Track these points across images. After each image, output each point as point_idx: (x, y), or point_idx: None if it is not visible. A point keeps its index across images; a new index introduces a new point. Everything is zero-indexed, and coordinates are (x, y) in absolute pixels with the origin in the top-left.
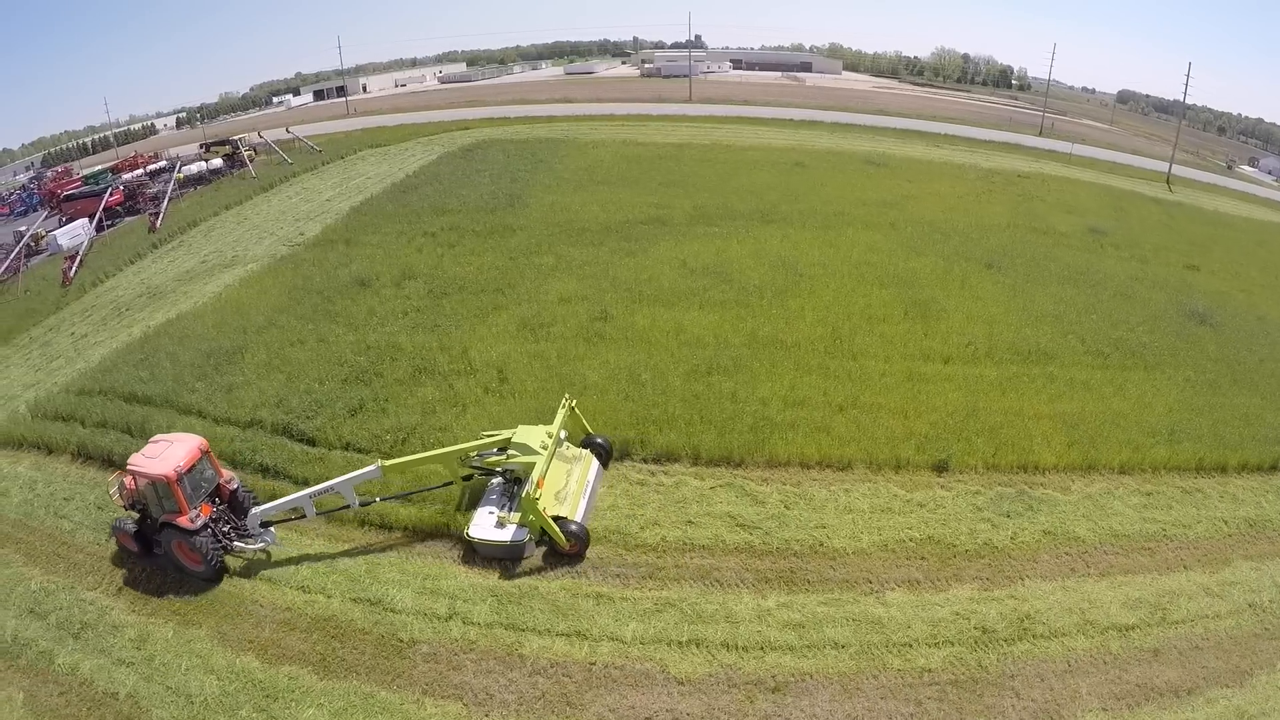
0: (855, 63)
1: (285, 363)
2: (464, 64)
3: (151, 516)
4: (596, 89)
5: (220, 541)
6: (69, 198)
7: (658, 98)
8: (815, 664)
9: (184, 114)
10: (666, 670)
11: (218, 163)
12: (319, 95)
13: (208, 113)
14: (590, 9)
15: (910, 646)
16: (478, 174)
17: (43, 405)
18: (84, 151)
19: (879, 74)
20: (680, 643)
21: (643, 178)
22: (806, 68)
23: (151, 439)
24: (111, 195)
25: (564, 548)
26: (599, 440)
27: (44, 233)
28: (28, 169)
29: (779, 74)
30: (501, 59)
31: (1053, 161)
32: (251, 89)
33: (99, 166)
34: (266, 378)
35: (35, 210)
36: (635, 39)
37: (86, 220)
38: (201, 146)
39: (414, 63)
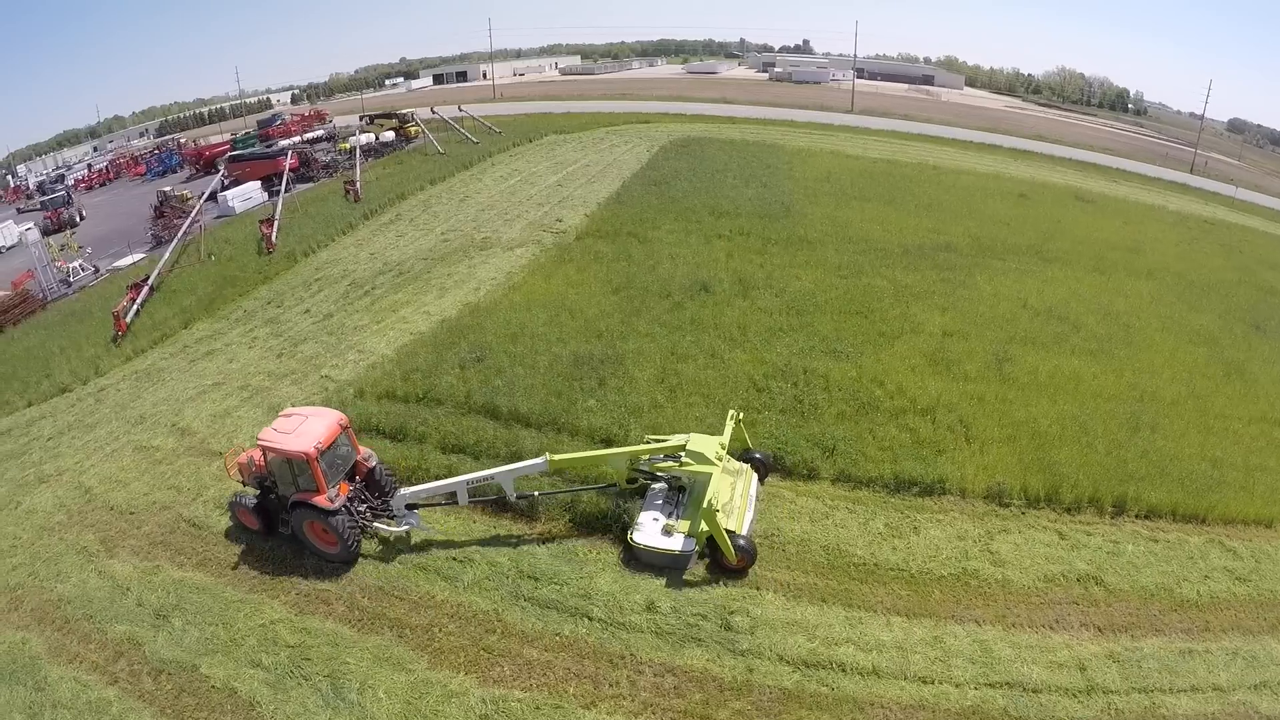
0: (973, 77)
1: (682, 380)
2: (576, 57)
3: (278, 494)
4: (723, 89)
5: (358, 523)
6: (235, 159)
7: (820, 105)
8: None
9: (297, 90)
10: None
11: (389, 135)
12: (438, 79)
13: (319, 91)
14: (693, 7)
15: None
16: (719, 174)
17: (362, 413)
18: (199, 121)
19: (997, 90)
20: None
21: (890, 195)
22: (929, 80)
23: (283, 412)
24: (288, 159)
25: (731, 562)
26: (758, 455)
27: (189, 194)
28: (142, 134)
29: (905, 86)
30: (609, 53)
31: (1220, 205)
32: (357, 71)
33: (243, 132)
34: (674, 398)
35: (174, 171)
36: (742, 40)
37: (258, 184)
38: (363, 119)
39: (518, 53)
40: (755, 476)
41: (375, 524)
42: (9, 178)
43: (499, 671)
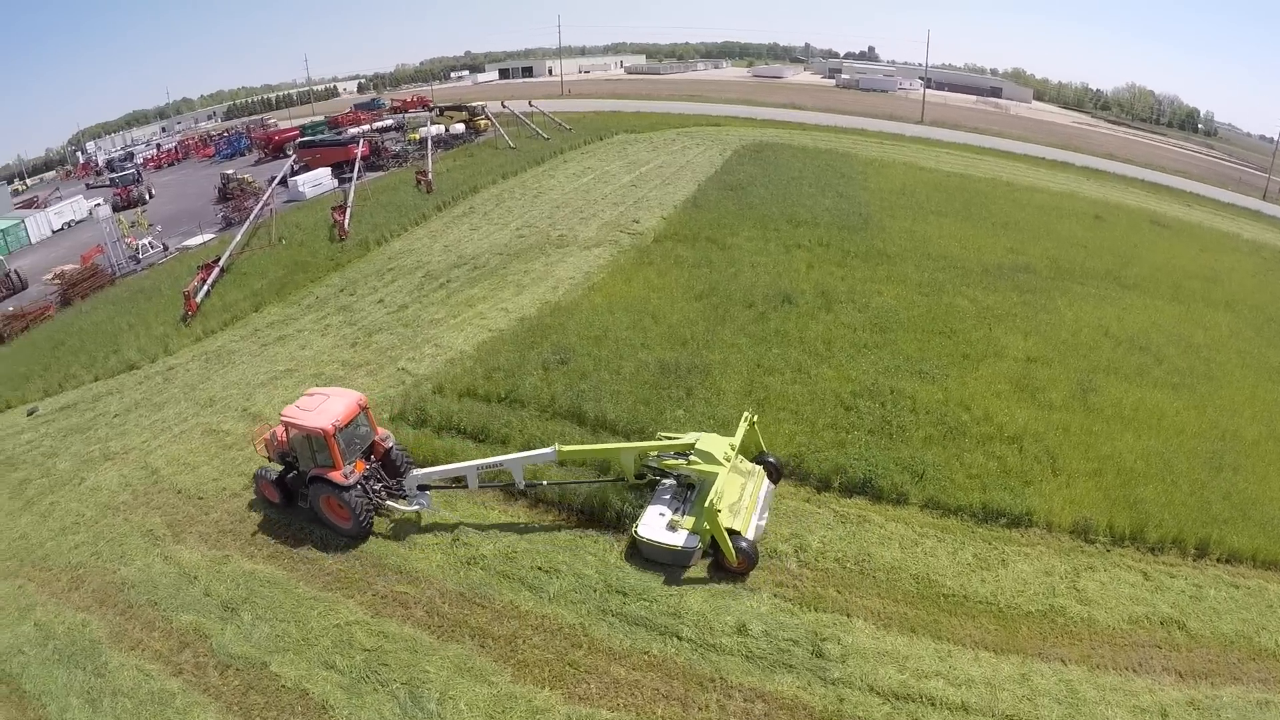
0: (1041, 90)
1: (769, 394)
2: (641, 57)
3: (298, 469)
4: (791, 94)
5: (371, 500)
6: (306, 144)
7: (890, 115)
8: None
9: (363, 80)
10: None
11: (459, 128)
12: (503, 74)
13: (385, 81)
14: (757, 11)
15: None
16: (794, 182)
17: (442, 410)
18: (266, 106)
19: (1065, 105)
20: None
21: (966, 211)
22: (996, 92)
23: (307, 391)
24: (360, 147)
25: (731, 563)
26: (771, 459)
27: (251, 177)
28: (210, 117)
29: (974, 98)
30: (673, 53)
31: None
32: (422, 63)
33: (309, 119)
34: (762, 412)
35: (243, 154)
36: (807, 45)
37: (328, 170)
38: (432, 110)
39: (583, 51)
40: (767, 480)
41: (388, 502)
42: (79, 154)
43: (585, 689)
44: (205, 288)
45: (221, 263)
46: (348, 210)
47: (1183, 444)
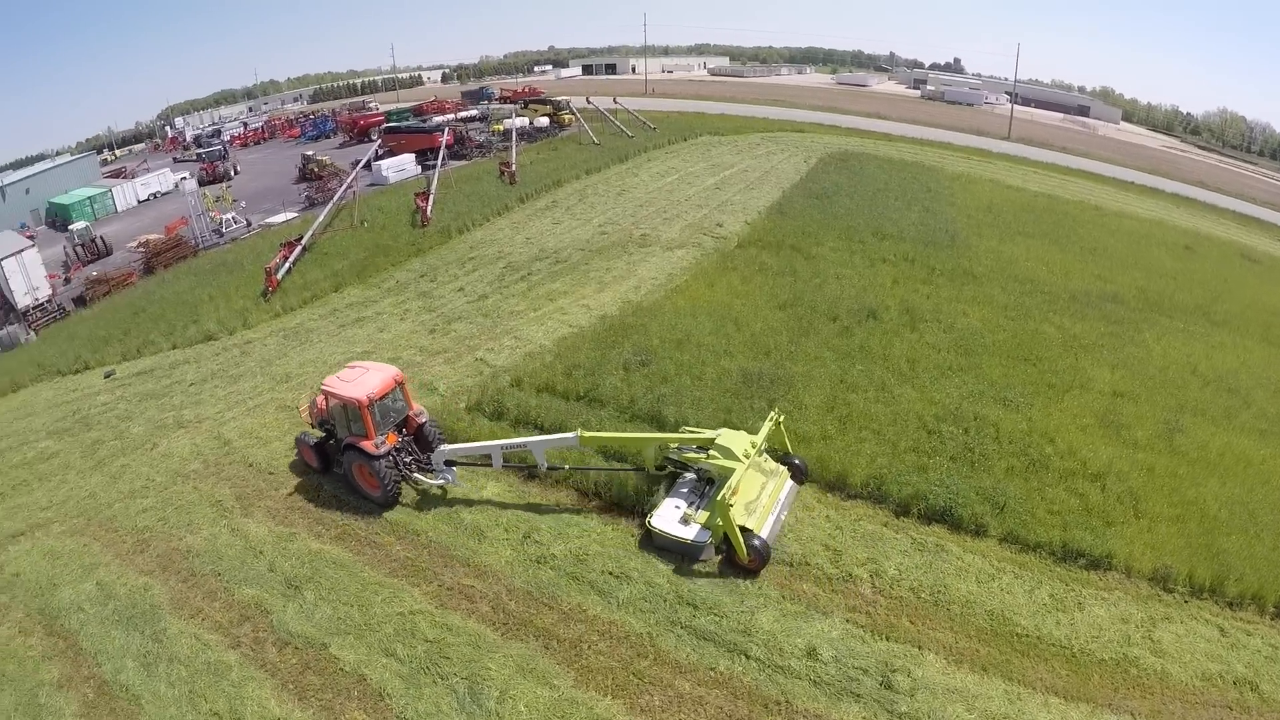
0: (1129, 111)
1: (852, 411)
2: (725, 59)
3: (336, 437)
4: (875, 104)
5: (400, 471)
6: (391, 129)
7: (976, 129)
8: None
9: (447, 70)
10: None
11: (543, 121)
12: (587, 70)
13: (469, 72)
14: (843, 18)
15: None
16: (880, 194)
17: (520, 404)
18: (351, 91)
19: (1153, 128)
20: None
21: (1054, 234)
22: (1084, 111)
23: (349, 364)
24: (444, 135)
25: (742, 560)
26: (796, 460)
27: (329, 159)
28: (296, 99)
29: (1060, 115)
30: (757, 57)
31: None
32: (506, 55)
33: (395, 105)
34: (844, 430)
35: (328, 136)
36: (892, 54)
37: (412, 156)
38: (516, 102)
39: (666, 50)
40: (791, 481)
41: (415, 475)
42: (167, 129)
43: (648, 700)
44: (287, 265)
45: (304, 241)
46: (431, 197)
47: (1268, 495)
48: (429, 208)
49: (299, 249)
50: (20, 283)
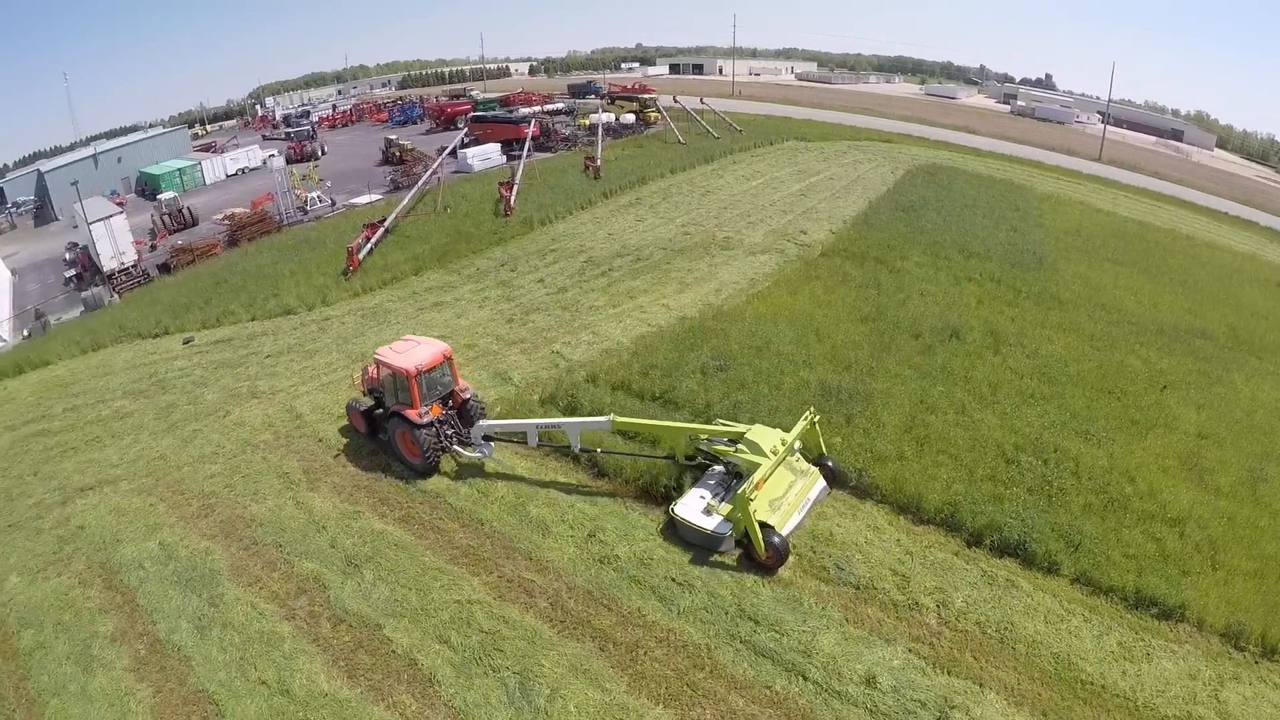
0: (1224, 138)
1: (930, 434)
2: (813, 64)
3: (384, 405)
4: (964, 117)
5: (440, 441)
6: (478, 119)
7: (1066, 149)
8: None
9: (535, 62)
10: None
11: (629, 118)
12: (674, 69)
13: (556, 66)
14: (934, 28)
15: None
16: (967, 210)
17: (594, 401)
18: (439, 79)
19: (1249, 156)
20: None
21: (1143, 263)
22: (1178, 136)
23: (403, 337)
24: (531, 127)
25: (760, 556)
26: (830, 463)
27: (410, 144)
28: (384, 85)
29: (1152, 139)
30: (845, 64)
31: None
32: (593, 51)
33: (480, 94)
34: (921, 453)
35: (415, 122)
36: (982, 67)
37: (497, 146)
38: (603, 98)
39: (754, 53)
40: (822, 482)
41: (455, 447)
42: (258, 107)
43: (699, 713)
44: (369, 246)
45: (387, 223)
46: (515, 187)
47: None
48: (513, 197)
49: (381, 230)
50: (108, 247)
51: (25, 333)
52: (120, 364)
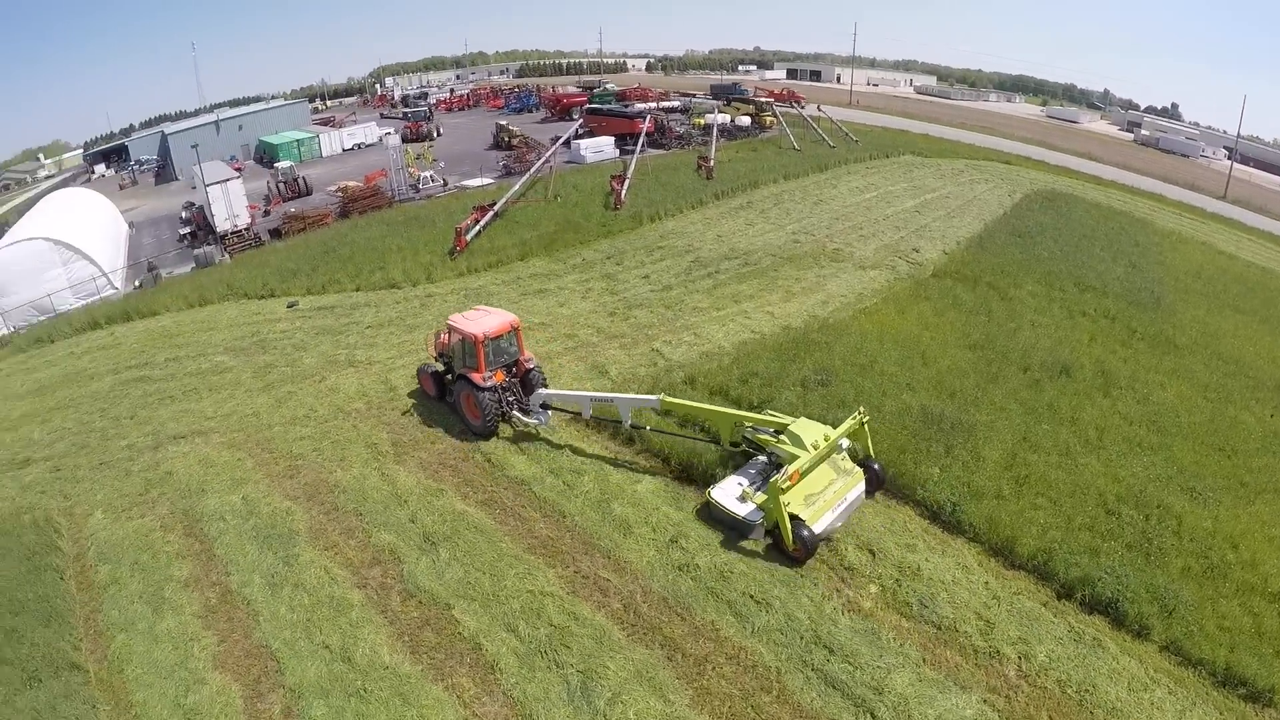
0: None
1: (1031, 473)
2: (932, 78)
3: (454, 369)
4: (1086, 143)
5: (501, 407)
6: (593, 111)
7: (1190, 184)
8: None
9: (652, 59)
10: None
11: (744, 120)
12: (791, 74)
13: (674, 64)
14: (1061, 48)
15: None
16: (1085, 240)
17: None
18: (557, 70)
19: None
20: None
21: (1265, 312)
22: None
23: (475, 306)
24: (645, 123)
25: (788, 547)
26: (875, 466)
27: (518, 131)
28: (502, 72)
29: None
30: (965, 79)
31: None
32: (711, 51)
33: (614, 86)
34: (1020, 492)
35: (530, 111)
36: (1106, 91)
37: (611, 139)
38: (718, 99)
39: (873, 63)
40: (863, 485)
41: (514, 414)
42: (378, 86)
43: None
44: (477, 228)
45: (496, 207)
46: (626, 181)
47: None
48: (624, 191)
49: (491, 214)
50: (222, 209)
51: (137, 283)
52: (224, 321)
